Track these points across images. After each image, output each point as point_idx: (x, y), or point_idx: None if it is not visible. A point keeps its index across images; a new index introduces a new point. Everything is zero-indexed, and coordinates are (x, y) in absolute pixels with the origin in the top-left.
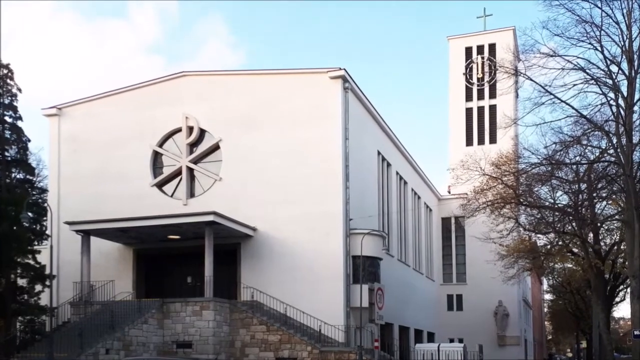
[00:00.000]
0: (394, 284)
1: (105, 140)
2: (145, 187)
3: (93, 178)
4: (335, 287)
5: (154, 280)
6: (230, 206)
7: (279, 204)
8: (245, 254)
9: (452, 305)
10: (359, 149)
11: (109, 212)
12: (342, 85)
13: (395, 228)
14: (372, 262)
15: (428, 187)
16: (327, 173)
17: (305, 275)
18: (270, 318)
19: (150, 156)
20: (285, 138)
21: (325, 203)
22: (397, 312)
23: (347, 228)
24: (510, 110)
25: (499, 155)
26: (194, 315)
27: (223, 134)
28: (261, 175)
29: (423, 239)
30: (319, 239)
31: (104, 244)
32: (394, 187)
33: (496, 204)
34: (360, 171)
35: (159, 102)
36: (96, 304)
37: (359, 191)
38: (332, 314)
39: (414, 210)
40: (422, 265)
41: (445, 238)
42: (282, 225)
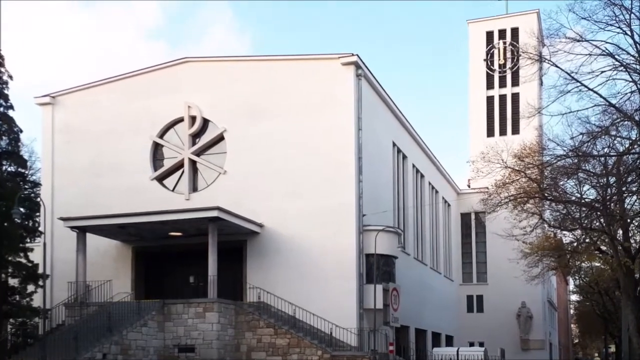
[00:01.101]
0: (410, 284)
1: (102, 130)
2: (144, 181)
3: (89, 171)
4: (348, 287)
5: (154, 280)
6: (235, 201)
7: (287, 198)
8: (251, 252)
9: (472, 306)
10: (372, 139)
11: (106, 207)
12: (355, 72)
13: (412, 224)
14: (387, 261)
15: (446, 180)
16: (339, 165)
17: (315, 275)
18: (278, 320)
19: (150, 148)
20: (294, 128)
21: (336, 197)
22: (414, 314)
23: (360, 224)
24: (534, 98)
25: (522, 146)
26: (196, 317)
27: (228, 124)
28: (268, 167)
29: (441, 236)
30: (330, 236)
31: (100, 241)
32: (410, 180)
33: (519, 199)
34: (374, 163)
35: (159, 90)
36: (92, 306)
37: (373, 185)
38: (344, 316)
39: (431, 206)
40: (440, 264)
41: (464, 235)
42: (291, 221)
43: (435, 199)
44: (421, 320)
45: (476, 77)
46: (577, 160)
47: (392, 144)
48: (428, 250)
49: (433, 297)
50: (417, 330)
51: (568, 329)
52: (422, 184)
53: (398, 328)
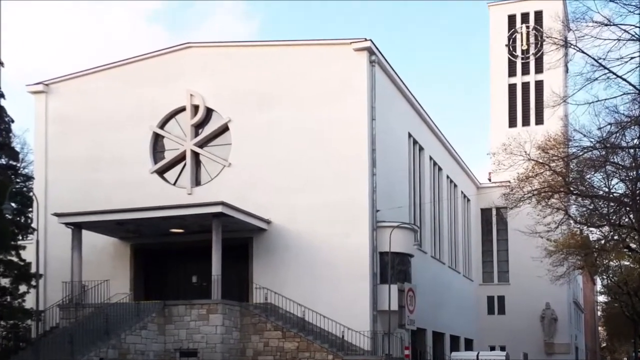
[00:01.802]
0: (427, 284)
1: (99, 120)
2: (144, 174)
3: (85, 163)
4: (360, 287)
5: (154, 280)
6: (240, 195)
7: (296, 193)
8: (257, 250)
9: (492, 308)
10: (387, 130)
11: (103, 202)
12: (368, 58)
13: (429, 220)
14: (402, 259)
15: (466, 174)
16: (351, 158)
17: (326, 274)
18: (287, 323)
19: (150, 139)
20: (303, 118)
21: (348, 192)
22: (431, 316)
23: (374, 220)
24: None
25: (546, 137)
26: (199, 319)
27: (233, 113)
28: (276, 160)
29: (460, 233)
30: (342, 233)
31: (97, 238)
32: (427, 174)
33: (543, 193)
34: (389, 156)
35: (160, 78)
36: (88, 307)
37: (388, 178)
38: (356, 318)
39: (449, 201)
40: (459, 262)
41: (485, 232)
42: (300, 217)
43: (454, 194)
44: (439, 323)
45: (497, 64)
46: (605, 152)
47: (408, 135)
48: (446, 248)
49: (451, 298)
50: (434, 334)
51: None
52: (439, 178)
53: (414, 331)
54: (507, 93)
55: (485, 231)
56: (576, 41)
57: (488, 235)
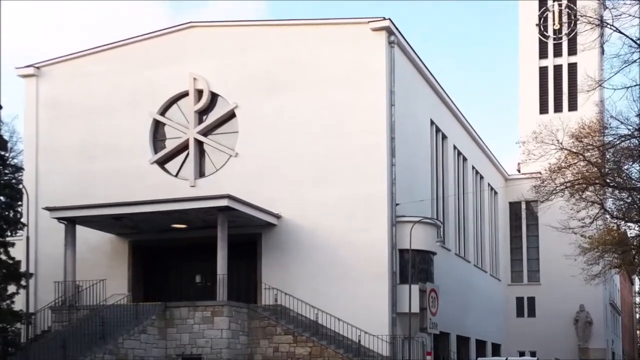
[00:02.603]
0: (451, 284)
1: (95, 106)
2: (143, 165)
3: (79, 153)
4: (378, 288)
5: (155, 280)
6: (248, 188)
7: (308, 185)
8: (267, 247)
9: (522, 310)
10: (407, 117)
11: (99, 195)
12: (387, 39)
13: (452, 215)
14: (424, 257)
15: (493, 164)
16: (369, 147)
17: (341, 274)
18: (298, 326)
19: (149, 126)
20: (316, 104)
21: (365, 184)
22: (455, 319)
23: (393, 215)
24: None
25: (580, 125)
26: (203, 322)
27: (240, 98)
28: (286, 149)
29: (487, 228)
30: (358, 229)
31: (92, 234)
32: (450, 164)
33: (577, 186)
34: (410, 145)
35: (160, 60)
36: (83, 309)
37: (408, 169)
38: (374, 321)
39: (475, 193)
40: (486, 261)
41: (513, 228)
42: (313, 212)
43: (480, 186)
44: (463, 326)
45: (527, 45)
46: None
47: (430, 122)
48: (471, 245)
49: (477, 300)
50: (458, 338)
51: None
52: (464, 169)
53: (437, 335)
54: (537, 77)
55: (514, 227)
56: (613, 20)
57: (517, 231)
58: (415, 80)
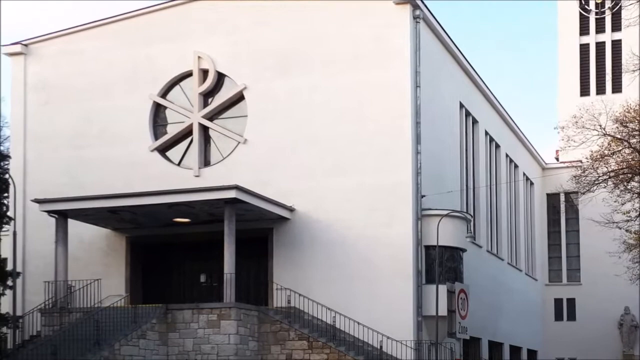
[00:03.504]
0: (483, 285)
1: (89, 87)
2: (142, 152)
3: (72, 139)
4: (402, 288)
5: (155, 280)
6: (258, 178)
7: (325, 175)
8: (279, 244)
9: (561, 313)
10: (434, 99)
11: (94, 186)
12: (412, 14)
13: (484, 208)
14: (453, 255)
15: (529, 152)
16: (392, 132)
17: (361, 273)
18: (314, 331)
19: (149, 110)
20: (334, 85)
21: (388, 173)
22: (487, 323)
23: (419, 208)
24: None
25: (625, 108)
26: (209, 326)
27: (249, 79)
28: (301, 136)
29: (522, 222)
30: (380, 223)
31: (86, 229)
32: (481, 151)
33: (621, 175)
34: (437, 130)
35: (161, 37)
36: (76, 312)
37: (435, 157)
38: (397, 325)
39: (509, 184)
40: (521, 258)
41: (551, 222)
42: (330, 204)
43: (515, 175)
44: (496, 331)
45: (567, 21)
46: None
47: (459, 105)
48: (505, 241)
49: (511, 301)
50: (490, 344)
51: None
52: (497, 156)
53: (467, 340)
54: (578, 55)
55: (551, 221)
56: None
57: (555, 226)
58: (443, 59)
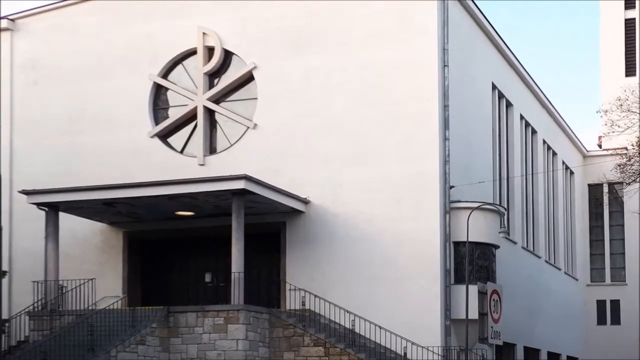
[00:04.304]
0: (517, 285)
1: (83, 67)
2: (142, 139)
3: (63, 124)
4: (429, 289)
5: (155, 279)
6: (269, 167)
7: (343, 164)
8: (292, 240)
9: (604, 316)
10: (464, 80)
11: (88, 176)
12: None
13: (519, 199)
14: (485, 252)
15: (568, 138)
16: (417, 116)
17: (383, 272)
18: (331, 336)
19: (149, 92)
20: (353, 64)
21: (413, 162)
22: (522, 327)
23: (447, 200)
24: None
25: None
26: (215, 331)
27: (259, 58)
28: (317, 120)
29: (561, 216)
30: (405, 216)
31: (79, 224)
32: (516, 138)
33: None
34: (466, 114)
35: (163, 11)
36: (68, 315)
37: (465, 144)
38: (423, 330)
39: (547, 173)
40: (560, 256)
41: (594, 215)
42: (349, 196)
43: (553, 164)
44: (532, 336)
45: None
46: None
47: (492, 87)
48: (542, 237)
49: (549, 303)
50: (526, 350)
51: None
52: (533, 143)
53: (500, 346)
54: (622, 31)
55: (594, 214)
56: None
57: (598, 220)
58: (474, 36)
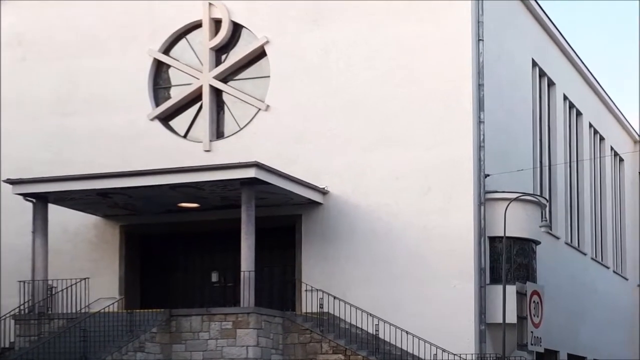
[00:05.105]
0: (561, 285)
1: (75, 42)
2: (140, 121)
3: (54, 106)
4: (461, 289)
5: (156, 279)
6: (283, 153)
7: (365, 150)
8: (308, 235)
9: None
10: (501, 56)
11: (81, 164)
12: None
13: (562, 190)
14: (524, 248)
15: (617, 121)
16: (448, 97)
17: (410, 270)
18: (352, 342)
19: (148, 69)
20: (376, 39)
21: (444, 148)
22: (566, 332)
23: (482, 190)
24: None
25: None
26: (222, 336)
27: (272, 31)
28: (336, 101)
29: (609, 208)
30: (434, 209)
31: (71, 217)
32: (559, 120)
33: None
34: (503, 94)
35: None
36: (58, 319)
37: (501, 127)
38: (455, 336)
39: (593, 161)
40: (608, 253)
41: None
42: (372, 186)
43: (600, 150)
44: (577, 342)
45: None
46: None
47: (532, 64)
48: (588, 231)
49: (596, 306)
50: (570, 357)
51: None
52: (578, 127)
53: (541, 354)
54: None
55: None
56: None
57: None
58: (512, 7)
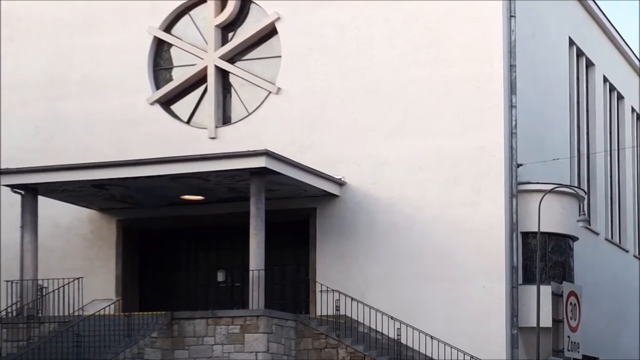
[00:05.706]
0: (600, 285)
1: (68, 20)
2: (139, 106)
3: (45, 89)
4: (491, 290)
5: (156, 278)
6: (295, 141)
7: (387, 136)
8: (323, 230)
9: None
10: (535, 35)
11: (73, 152)
12: None
13: (602, 181)
14: (560, 245)
15: None
16: (477, 80)
17: (436, 269)
18: (371, 348)
19: (148, 49)
20: (398, 16)
21: (473, 134)
22: (605, 337)
23: (514, 181)
24: None
25: None
26: (229, 341)
27: (283, 7)
28: (354, 83)
29: None
30: (462, 201)
31: (63, 210)
32: (598, 104)
33: None
34: (539, 76)
35: None
36: (49, 322)
37: (536, 112)
38: (484, 340)
39: (636, 149)
40: None
41: None
42: (393, 176)
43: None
44: (618, 347)
45: None
46: None
47: (569, 42)
48: (630, 227)
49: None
50: None
51: None
52: (619, 111)
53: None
54: None
55: None
56: None
57: None
58: None
